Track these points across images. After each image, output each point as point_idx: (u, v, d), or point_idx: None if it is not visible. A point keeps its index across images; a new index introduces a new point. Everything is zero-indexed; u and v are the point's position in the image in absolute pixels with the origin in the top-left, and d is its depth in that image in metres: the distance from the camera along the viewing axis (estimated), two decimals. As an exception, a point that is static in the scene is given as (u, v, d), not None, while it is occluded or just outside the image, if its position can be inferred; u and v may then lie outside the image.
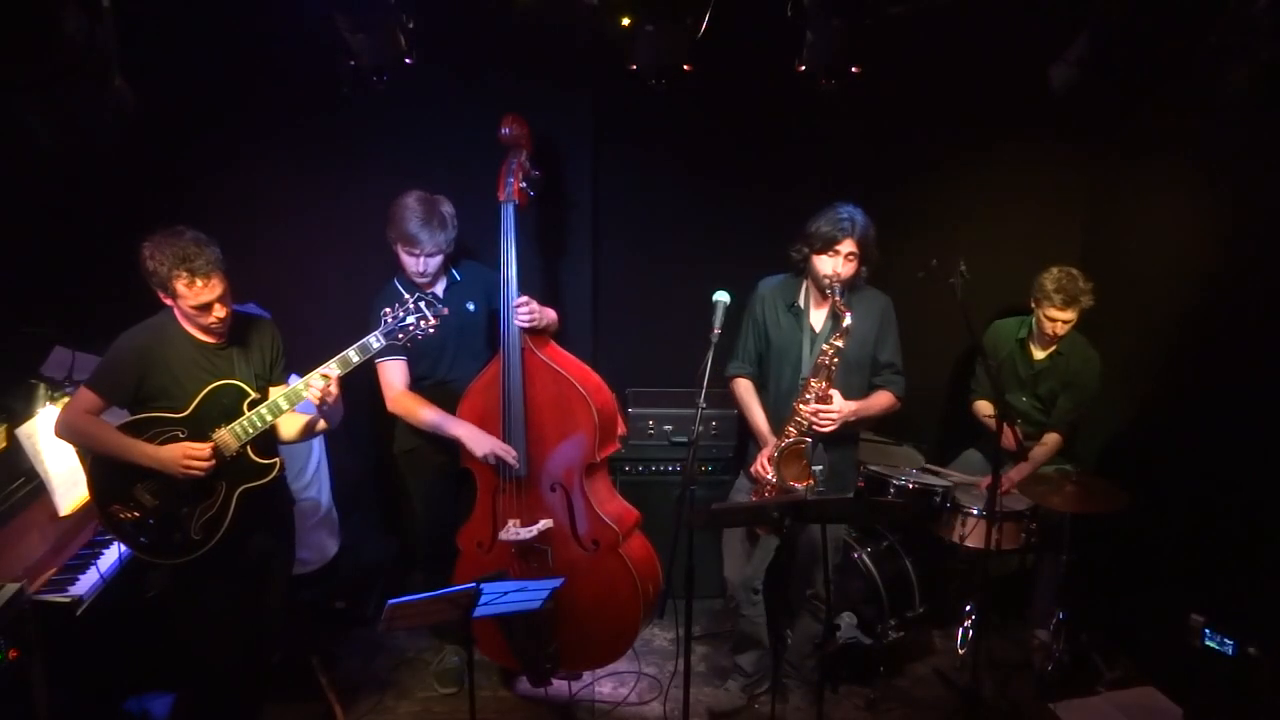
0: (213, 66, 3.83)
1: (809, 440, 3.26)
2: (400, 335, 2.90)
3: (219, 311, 2.83)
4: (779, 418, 3.39)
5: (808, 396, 3.25)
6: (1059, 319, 3.84)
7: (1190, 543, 3.77)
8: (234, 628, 3.08)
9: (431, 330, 2.92)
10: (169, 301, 2.83)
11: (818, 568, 3.43)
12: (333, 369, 2.86)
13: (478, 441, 3.43)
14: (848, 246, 3.24)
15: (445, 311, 2.95)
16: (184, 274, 2.72)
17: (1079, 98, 3.41)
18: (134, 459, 2.83)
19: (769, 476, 3.32)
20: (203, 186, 3.97)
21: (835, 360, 3.24)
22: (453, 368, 3.61)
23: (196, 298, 2.76)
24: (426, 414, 3.49)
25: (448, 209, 3.45)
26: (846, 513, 3.47)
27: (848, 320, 3.21)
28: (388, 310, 2.91)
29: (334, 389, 2.86)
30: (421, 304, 2.89)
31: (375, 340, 2.89)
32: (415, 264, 3.44)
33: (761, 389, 3.54)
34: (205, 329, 2.89)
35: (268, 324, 3.11)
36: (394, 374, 3.53)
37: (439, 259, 3.46)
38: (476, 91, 4.02)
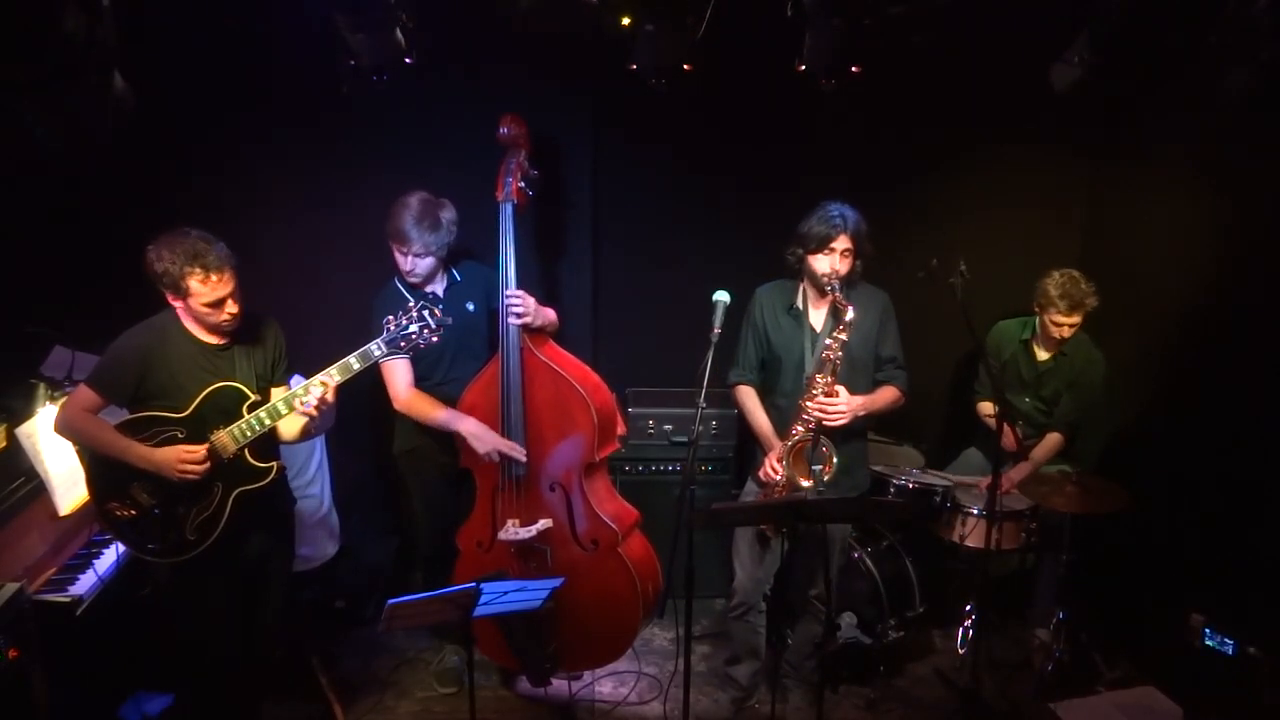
0: (213, 66, 3.83)
1: (814, 434, 3.26)
2: (403, 343, 2.88)
3: (231, 308, 2.82)
4: (785, 421, 3.38)
5: (814, 392, 3.25)
6: (1065, 324, 3.83)
7: (1190, 543, 3.77)
8: (232, 627, 3.07)
9: (434, 339, 2.91)
10: (177, 302, 2.82)
11: (820, 568, 3.42)
12: (333, 376, 2.86)
13: (481, 440, 3.43)
14: (843, 243, 3.25)
15: (449, 321, 2.94)
16: (198, 270, 2.71)
17: (1079, 97, 3.41)
18: (130, 459, 2.83)
19: (778, 477, 3.32)
20: (203, 186, 3.97)
21: (839, 355, 3.24)
22: (452, 368, 3.59)
23: (212, 293, 2.75)
24: (437, 414, 3.49)
25: (448, 214, 3.42)
26: (846, 513, 3.46)
27: (850, 314, 3.21)
28: (390, 318, 2.89)
29: (330, 397, 2.85)
30: (425, 312, 2.87)
31: (377, 348, 2.87)
32: (404, 262, 3.43)
33: (765, 395, 3.52)
34: (216, 328, 2.87)
35: (271, 324, 3.10)
36: (399, 374, 3.51)
37: (429, 261, 3.44)
38: (476, 91, 4.02)
